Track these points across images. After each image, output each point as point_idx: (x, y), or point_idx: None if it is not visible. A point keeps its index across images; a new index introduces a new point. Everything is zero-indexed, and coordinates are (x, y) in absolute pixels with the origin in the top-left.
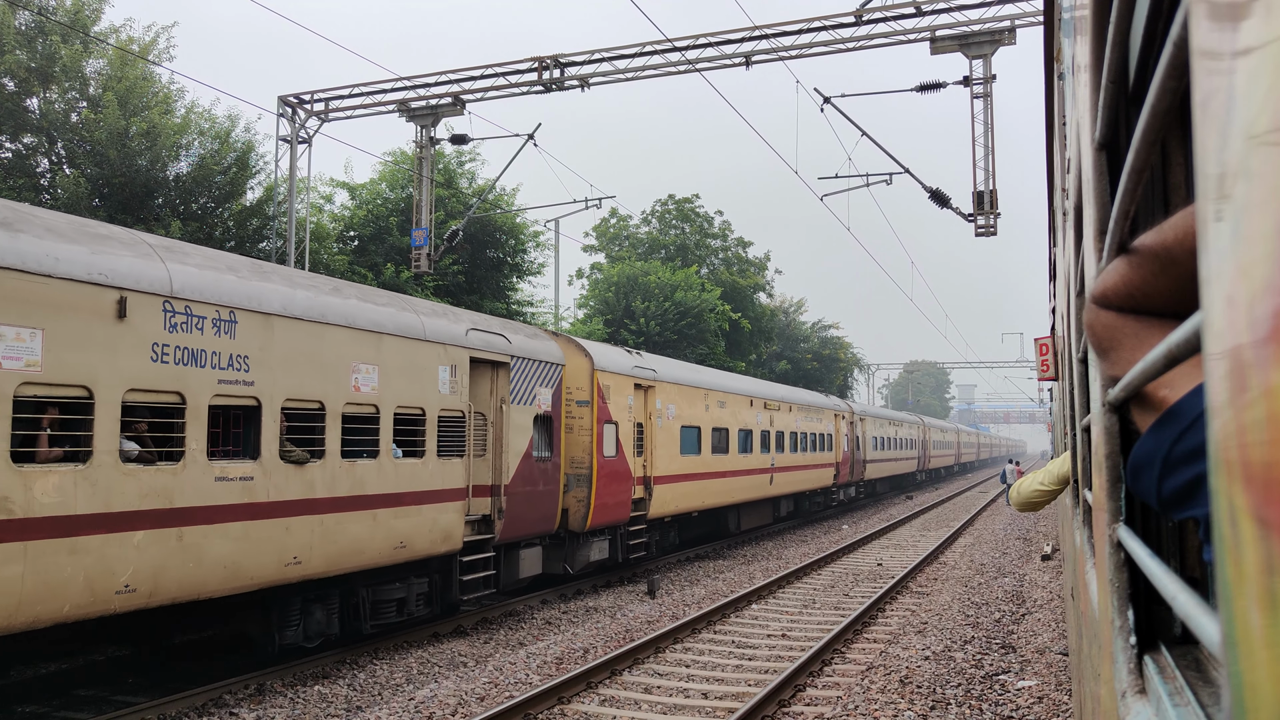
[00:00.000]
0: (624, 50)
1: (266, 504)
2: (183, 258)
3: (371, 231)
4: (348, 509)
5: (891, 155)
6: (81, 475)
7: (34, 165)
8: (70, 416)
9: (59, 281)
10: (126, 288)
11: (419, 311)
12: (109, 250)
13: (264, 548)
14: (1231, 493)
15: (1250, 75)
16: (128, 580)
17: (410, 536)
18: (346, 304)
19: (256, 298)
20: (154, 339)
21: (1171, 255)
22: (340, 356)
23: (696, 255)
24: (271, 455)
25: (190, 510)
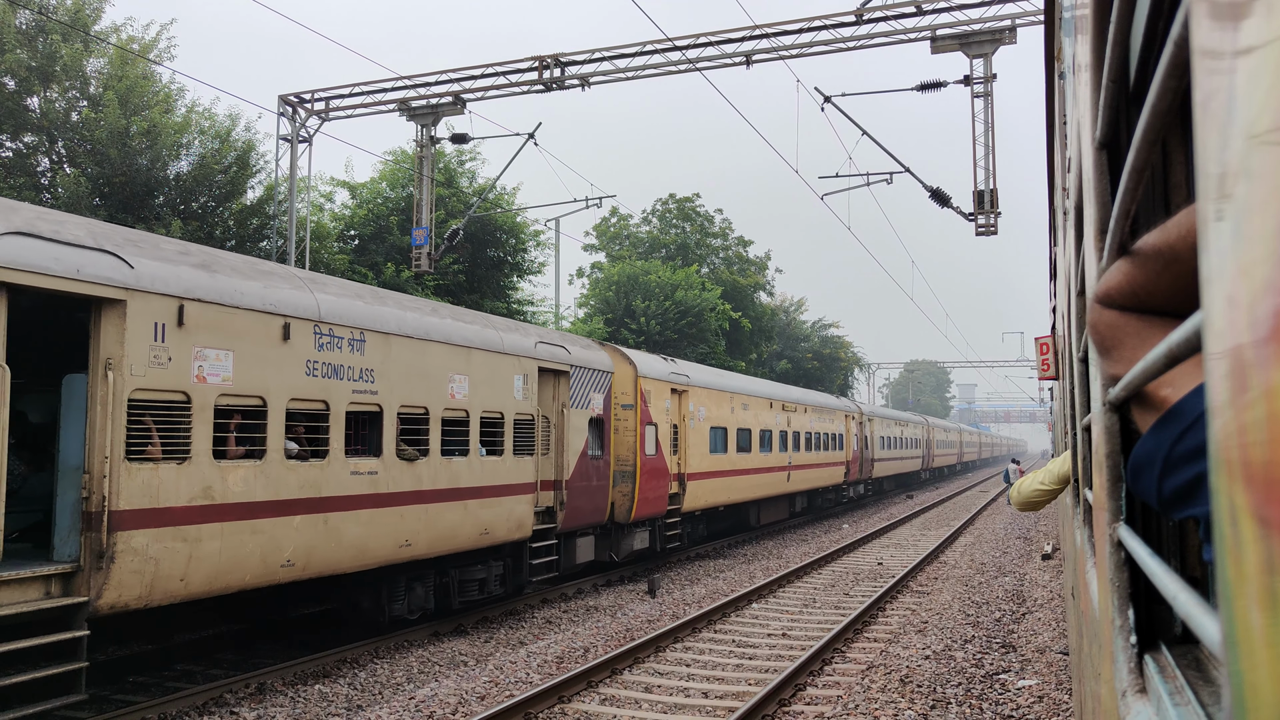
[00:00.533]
0: (624, 49)
1: (387, 494)
2: (324, 288)
3: (372, 231)
4: (445, 500)
5: (892, 154)
6: (258, 469)
7: (35, 164)
8: (250, 421)
9: (243, 312)
10: (289, 315)
11: (498, 328)
12: (275, 284)
13: (384, 531)
14: (1232, 492)
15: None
16: (289, 556)
17: (492, 524)
18: (443, 323)
19: (378, 320)
20: (308, 356)
21: (1175, 254)
22: (439, 368)
23: (697, 254)
24: (390, 453)
25: (333, 499)
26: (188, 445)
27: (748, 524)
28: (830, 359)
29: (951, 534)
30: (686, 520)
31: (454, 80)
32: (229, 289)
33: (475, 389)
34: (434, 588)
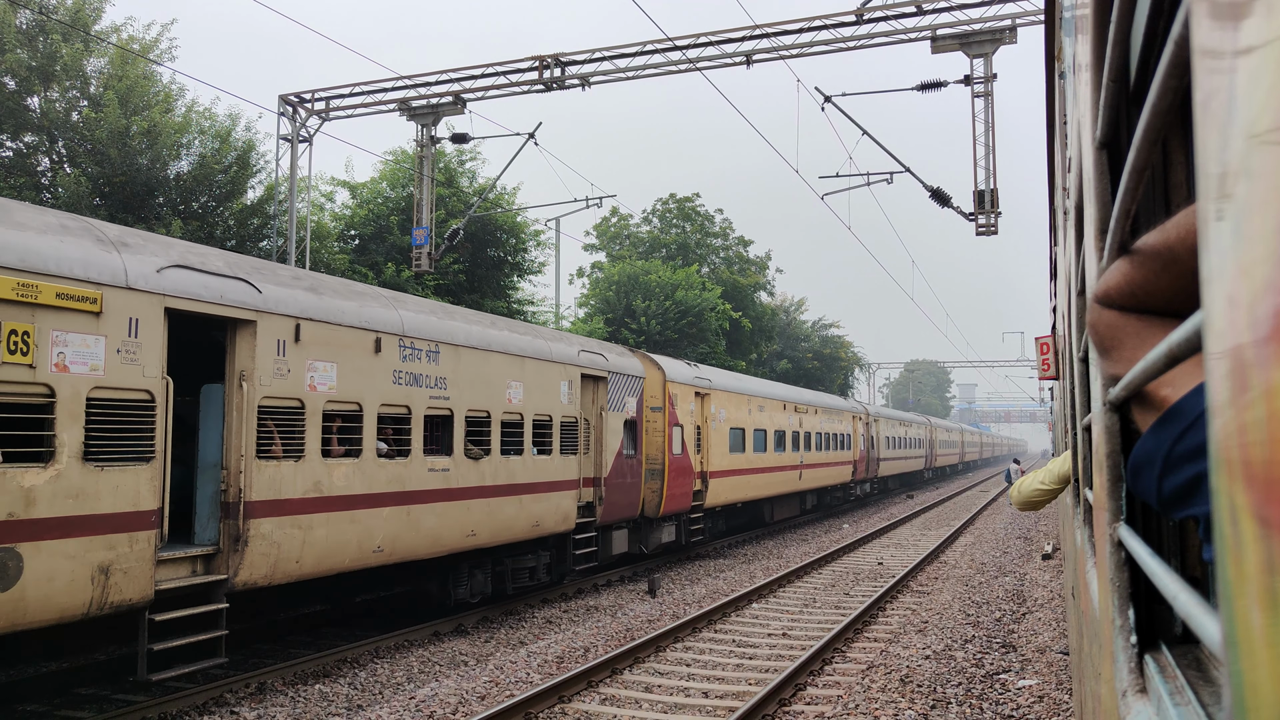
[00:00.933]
0: (625, 49)
1: (457, 489)
2: (405, 305)
3: (372, 230)
4: (504, 494)
5: (892, 154)
6: (356, 466)
7: (35, 164)
8: (349, 424)
9: (344, 328)
10: (379, 330)
11: (546, 338)
12: (367, 303)
13: (454, 522)
14: (1232, 492)
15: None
16: (379, 543)
17: (542, 517)
18: (501, 335)
19: (449, 333)
20: (394, 367)
21: (1174, 254)
22: (499, 376)
23: (697, 254)
24: (460, 452)
25: (414, 493)
26: (302, 445)
27: (762, 520)
28: (830, 359)
29: (952, 534)
30: (708, 516)
31: (454, 80)
32: (333, 309)
33: (528, 394)
34: (491, 574)
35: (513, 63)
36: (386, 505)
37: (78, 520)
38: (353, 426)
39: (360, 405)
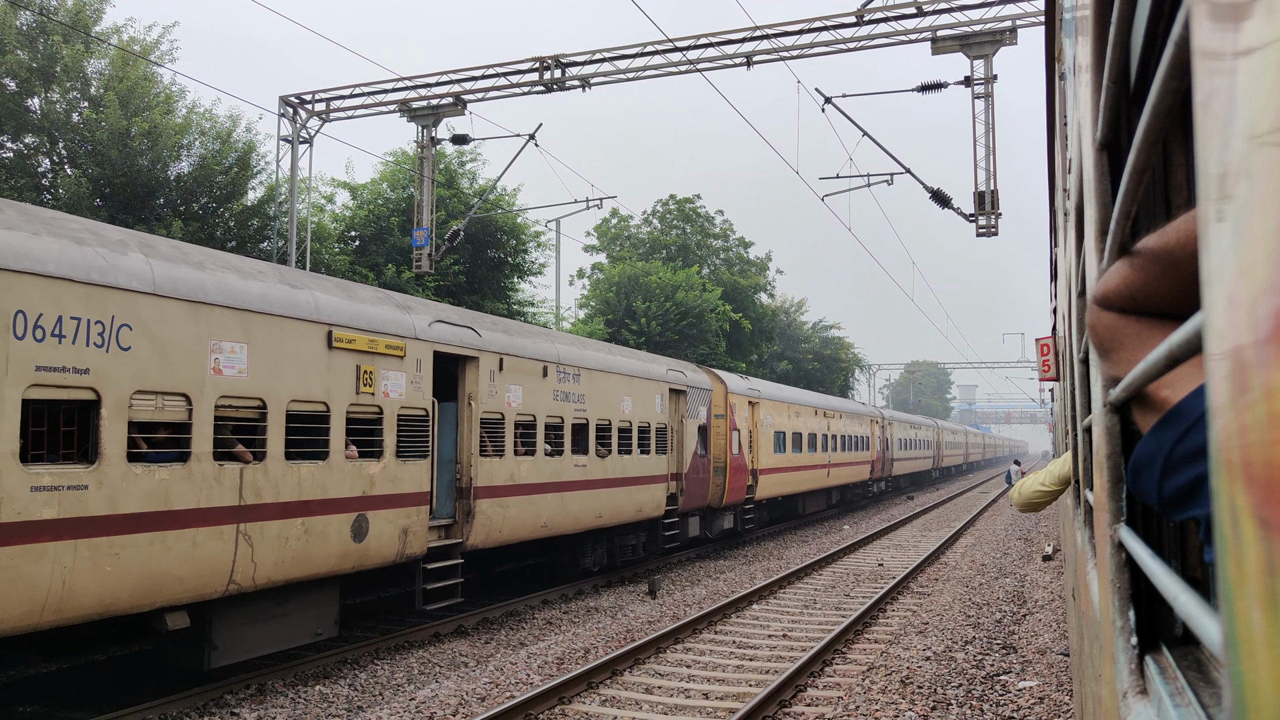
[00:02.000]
0: (625, 50)
1: (591, 480)
2: (557, 339)
3: (373, 231)
4: (619, 485)
5: (892, 155)
6: (533, 463)
7: (35, 165)
8: (528, 431)
9: (526, 359)
10: (546, 360)
11: (644, 360)
12: (538, 340)
13: (588, 506)
14: (1233, 493)
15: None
16: (544, 521)
17: (643, 504)
18: (616, 359)
19: (585, 360)
20: (554, 387)
21: (1174, 257)
22: (616, 392)
23: (697, 255)
24: (593, 452)
25: (566, 483)
26: (503, 447)
27: (797, 513)
28: (831, 360)
29: (952, 535)
30: (757, 507)
31: (454, 81)
32: (520, 345)
33: (635, 406)
34: (606, 549)
35: (513, 64)
36: (549, 492)
37: (393, 497)
38: (530, 433)
39: (534, 416)
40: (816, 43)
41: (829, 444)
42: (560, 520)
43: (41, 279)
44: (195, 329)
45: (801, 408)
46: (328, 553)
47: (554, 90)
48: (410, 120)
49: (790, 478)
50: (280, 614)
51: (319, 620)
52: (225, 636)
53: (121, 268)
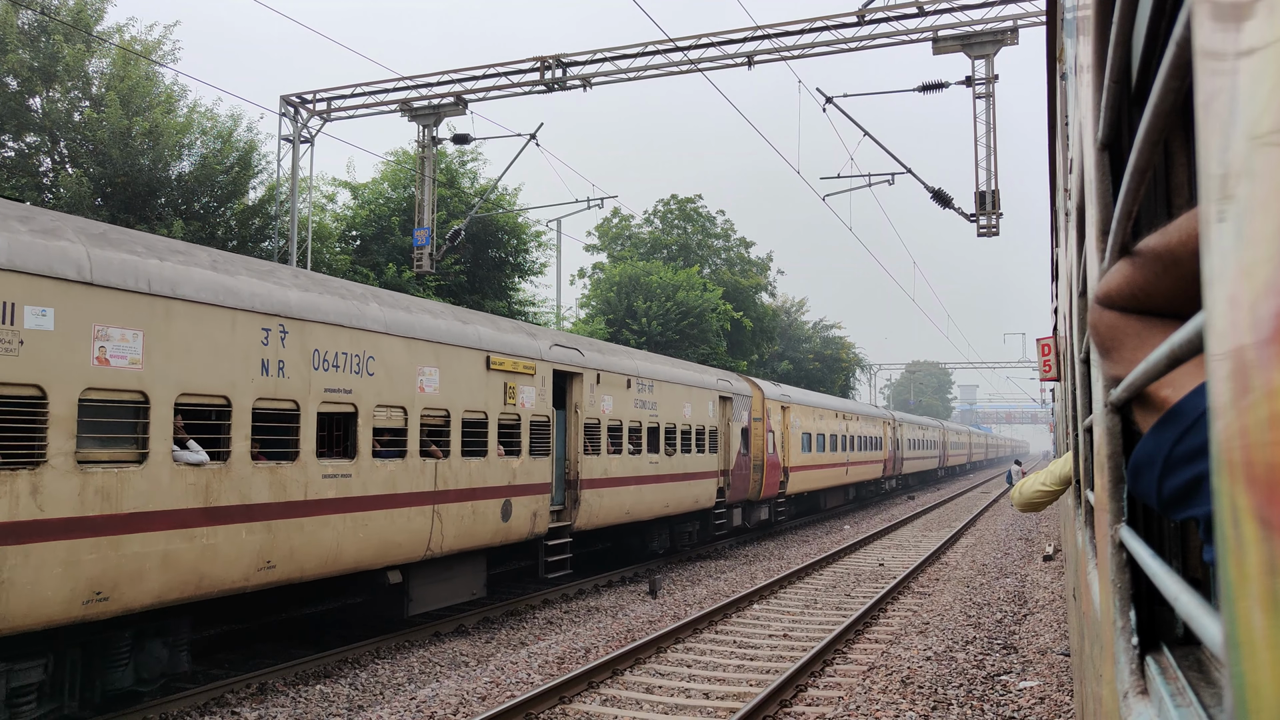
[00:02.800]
0: (626, 50)
1: (661, 475)
2: (634, 356)
3: (373, 231)
4: (681, 480)
5: (893, 155)
6: (620, 460)
7: (37, 165)
8: (616, 433)
9: (616, 374)
10: (629, 374)
11: (699, 371)
12: (620, 356)
13: (659, 497)
14: (1234, 494)
15: (1253, 76)
16: (629, 509)
17: (698, 496)
18: (680, 371)
19: (656, 373)
20: (635, 397)
21: (1175, 257)
22: (679, 400)
23: (698, 255)
24: (663, 451)
25: (644, 477)
26: (599, 446)
27: (819, 507)
28: (832, 360)
29: (953, 535)
30: (788, 501)
31: (456, 81)
32: (611, 362)
33: (693, 411)
34: (669, 535)
35: (514, 63)
36: (631, 484)
37: (527, 486)
38: (617, 435)
39: (621, 421)
40: (817, 42)
41: (848, 444)
42: (638, 508)
43: (326, 326)
44: (408, 358)
45: (825, 411)
46: (485, 529)
47: (555, 90)
48: (411, 120)
49: (815, 475)
50: (449, 577)
51: (473, 584)
52: (419, 592)
53: (368, 315)
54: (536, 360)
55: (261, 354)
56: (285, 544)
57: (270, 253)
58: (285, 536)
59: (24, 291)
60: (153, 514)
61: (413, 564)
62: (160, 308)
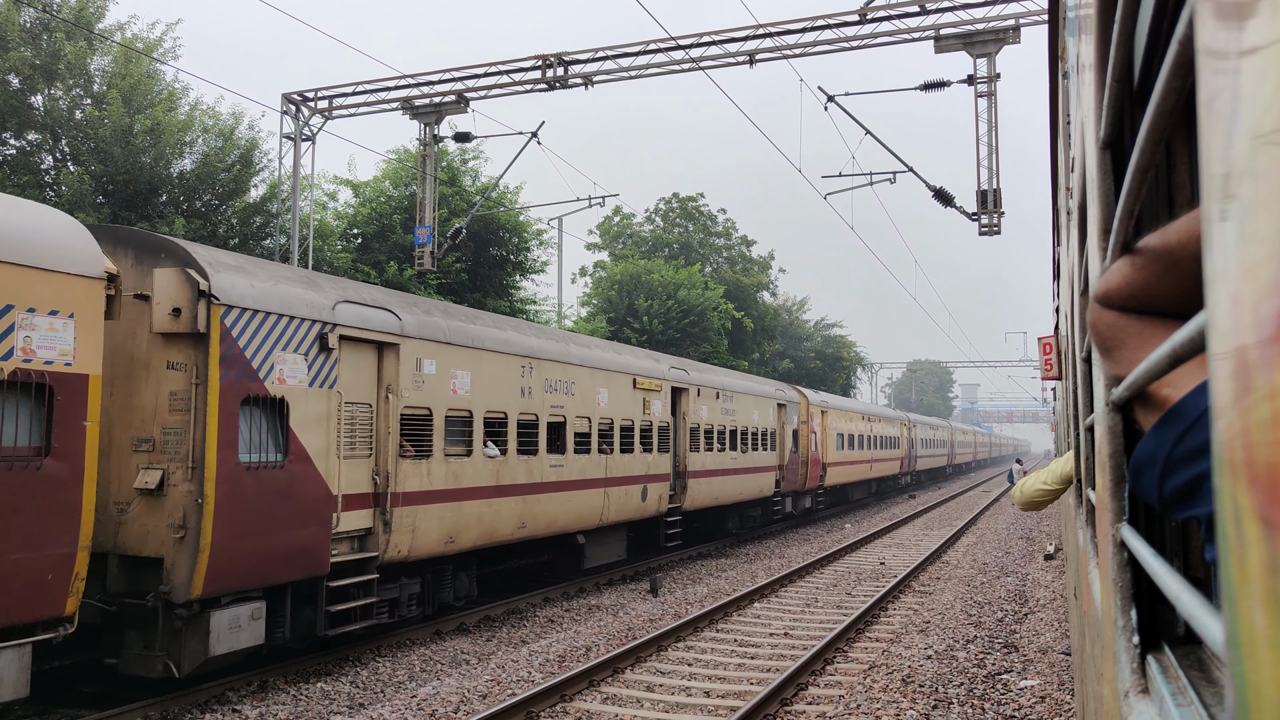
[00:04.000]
0: (628, 48)
1: (739, 468)
2: (722, 373)
3: (375, 229)
4: (750, 472)
5: (895, 154)
6: (714, 455)
7: (38, 162)
8: (709, 436)
9: (709, 389)
10: (719, 388)
11: (761, 382)
12: (717, 375)
13: (737, 486)
14: (1236, 493)
15: (1256, 74)
16: (717, 495)
17: (762, 486)
18: (753, 384)
19: (735, 387)
20: (722, 406)
21: (1174, 257)
22: (750, 408)
23: (700, 254)
24: (740, 449)
25: (726, 470)
26: (698, 445)
27: (848, 499)
28: (833, 359)
29: (954, 534)
30: (826, 492)
31: (457, 79)
32: (707, 379)
33: (759, 415)
34: (740, 518)
35: (516, 62)
36: (720, 475)
37: (655, 476)
38: (710, 436)
39: (713, 425)
40: (819, 41)
41: (873, 444)
42: (723, 494)
43: (550, 361)
44: (591, 382)
45: (854, 414)
46: (631, 506)
47: (556, 88)
48: (413, 118)
49: (847, 470)
50: (607, 542)
51: (620, 548)
52: (590, 551)
53: (570, 352)
54: (661, 380)
55: (520, 383)
56: (530, 512)
57: (271, 251)
58: (531, 507)
59: (423, 352)
60: (474, 489)
61: (588, 530)
62: (476, 355)
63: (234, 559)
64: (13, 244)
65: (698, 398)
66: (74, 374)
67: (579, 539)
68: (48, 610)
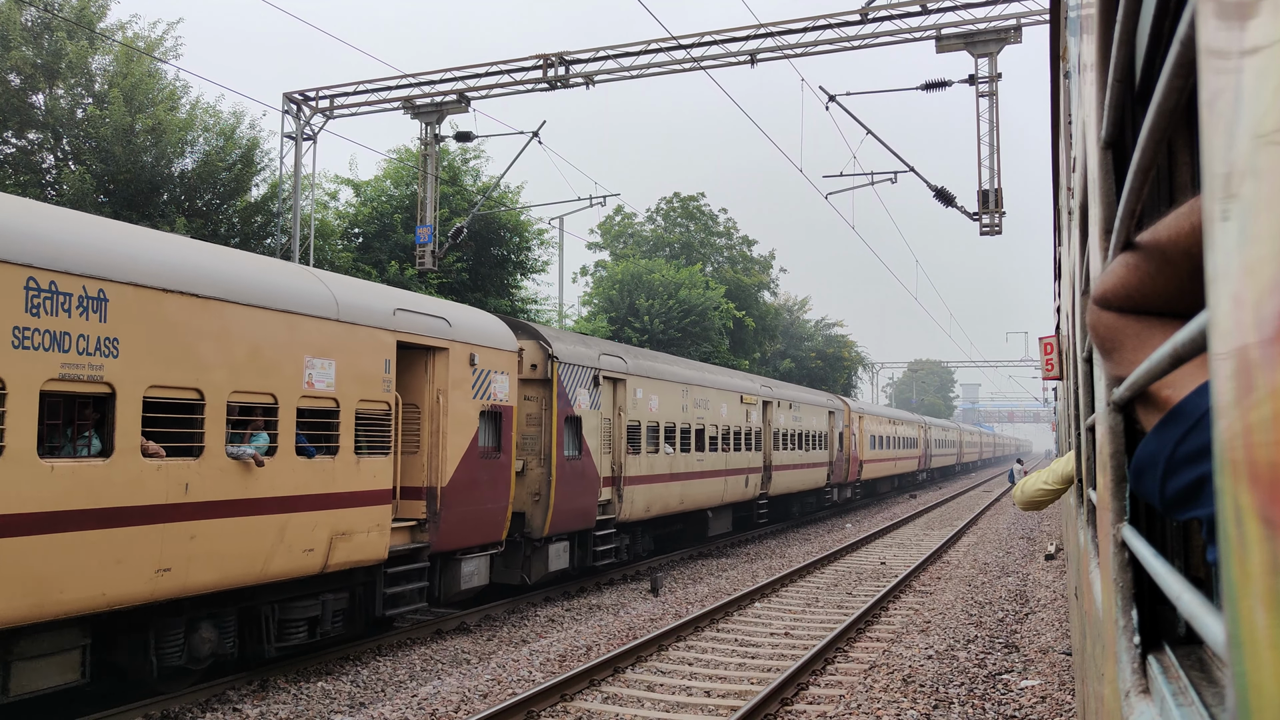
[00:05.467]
0: (629, 48)
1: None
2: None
3: (376, 228)
4: (808, 467)
5: (896, 154)
6: (786, 453)
7: (40, 161)
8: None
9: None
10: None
11: (819, 395)
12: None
13: (799, 478)
14: (1237, 493)
15: (1258, 74)
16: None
17: (816, 479)
18: (809, 396)
19: (801, 399)
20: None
21: (1166, 255)
22: (811, 416)
23: (701, 253)
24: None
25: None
26: (777, 444)
27: (876, 492)
28: (834, 358)
29: (954, 534)
30: (862, 485)
31: (459, 78)
32: (782, 394)
33: (818, 421)
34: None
35: (517, 61)
36: (790, 469)
37: (752, 468)
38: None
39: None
40: (820, 41)
41: (897, 443)
42: (792, 484)
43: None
44: (718, 399)
45: (883, 419)
46: (737, 491)
47: (558, 87)
48: (414, 117)
49: (878, 466)
50: (721, 517)
51: (726, 524)
52: (712, 525)
53: (707, 379)
54: (756, 396)
55: (681, 401)
56: (686, 492)
57: (272, 250)
58: (686, 488)
59: (637, 384)
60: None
61: (714, 507)
62: (662, 385)
63: (561, 515)
64: (488, 337)
65: (777, 408)
66: (507, 406)
67: (709, 514)
68: (496, 537)
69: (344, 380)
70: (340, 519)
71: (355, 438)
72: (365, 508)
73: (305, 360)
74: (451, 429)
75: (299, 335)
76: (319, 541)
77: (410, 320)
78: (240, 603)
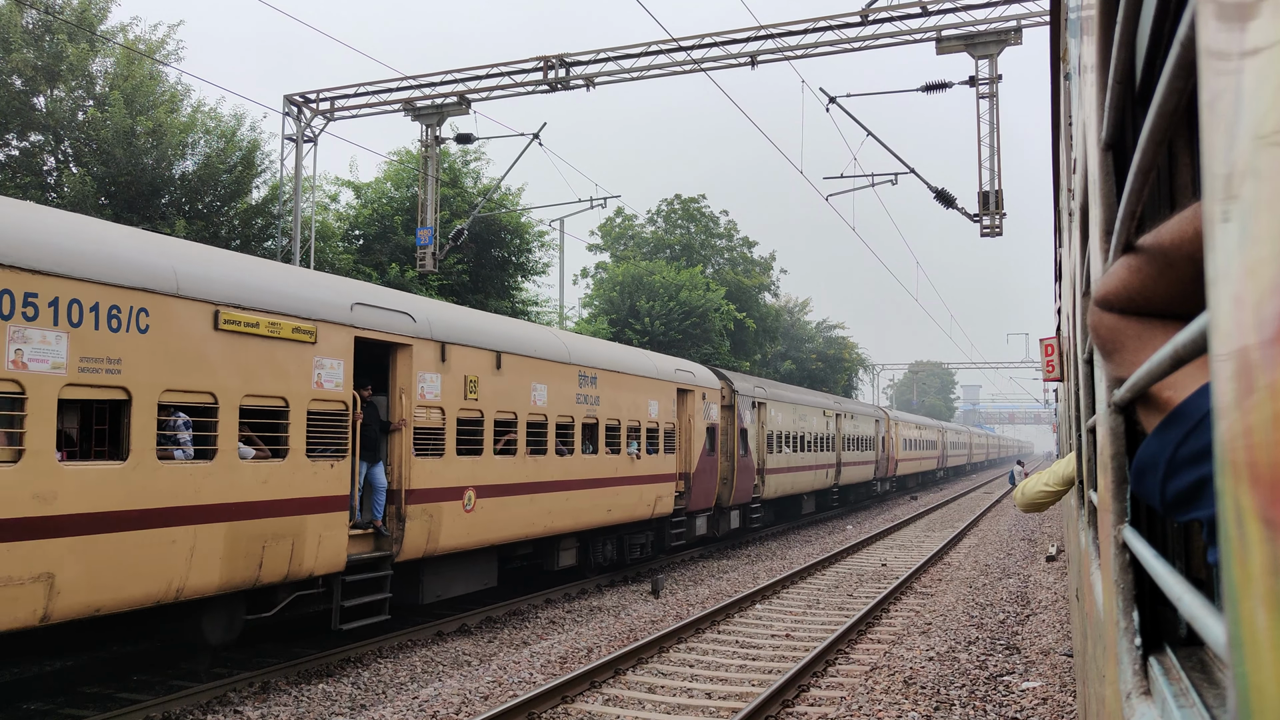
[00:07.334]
0: (629, 50)
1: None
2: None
3: (377, 230)
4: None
5: (897, 155)
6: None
7: (40, 163)
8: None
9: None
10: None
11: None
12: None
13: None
14: (1238, 494)
15: (1258, 75)
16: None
17: (867, 474)
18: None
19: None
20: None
21: (1168, 258)
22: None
23: (701, 255)
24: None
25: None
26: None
27: (905, 487)
28: (834, 360)
29: (956, 535)
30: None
31: (459, 80)
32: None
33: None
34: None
35: (517, 63)
36: (792, 471)
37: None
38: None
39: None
40: (821, 42)
41: (921, 445)
42: (796, 486)
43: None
44: (793, 416)
45: (908, 424)
46: (823, 481)
47: (558, 89)
48: (415, 119)
49: (908, 464)
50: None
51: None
52: (804, 505)
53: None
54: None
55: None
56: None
57: (273, 252)
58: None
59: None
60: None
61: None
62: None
63: (738, 492)
64: (708, 382)
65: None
66: (716, 424)
67: (803, 498)
68: (711, 504)
69: (625, 410)
70: (646, 490)
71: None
72: (661, 484)
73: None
74: (694, 438)
75: (641, 394)
76: (649, 500)
77: (684, 377)
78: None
